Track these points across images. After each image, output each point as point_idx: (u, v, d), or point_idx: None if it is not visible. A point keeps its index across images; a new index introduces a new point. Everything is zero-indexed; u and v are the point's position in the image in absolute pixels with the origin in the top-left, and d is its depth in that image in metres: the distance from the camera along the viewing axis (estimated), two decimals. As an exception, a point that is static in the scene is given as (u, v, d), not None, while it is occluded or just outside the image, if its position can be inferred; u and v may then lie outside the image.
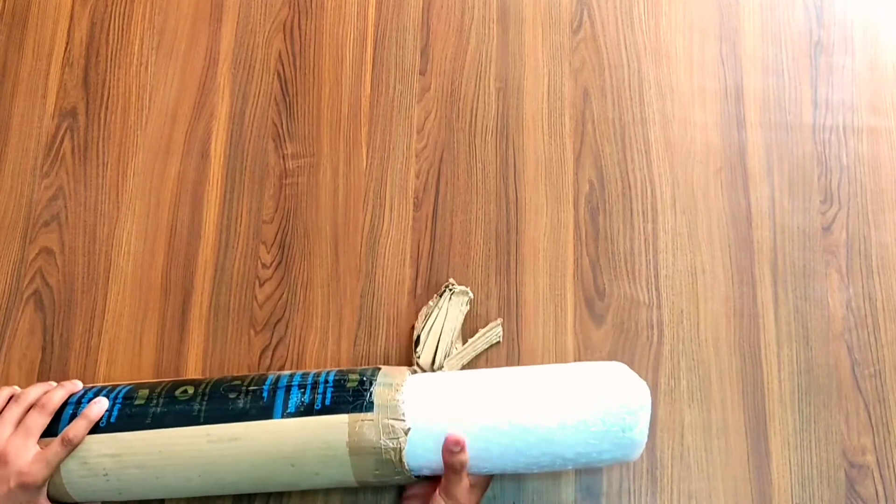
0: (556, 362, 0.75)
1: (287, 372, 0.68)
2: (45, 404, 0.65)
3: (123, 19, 0.84)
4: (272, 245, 0.78)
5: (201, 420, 0.63)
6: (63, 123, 0.81)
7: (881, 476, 0.72)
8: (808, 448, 0.73)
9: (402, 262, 0.77)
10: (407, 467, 0.63)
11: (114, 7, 0.84)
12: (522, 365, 0.74)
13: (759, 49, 0.83)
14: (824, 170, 0.80)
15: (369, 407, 0.63)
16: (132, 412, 0.65)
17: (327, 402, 0.63)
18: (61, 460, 0.63)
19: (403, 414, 0.63)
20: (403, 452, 0.62)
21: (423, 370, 0.71)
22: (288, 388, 0.65)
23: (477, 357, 0.74)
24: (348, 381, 0.65)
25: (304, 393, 0.64)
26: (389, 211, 0.79)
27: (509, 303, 0.76)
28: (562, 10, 0.84)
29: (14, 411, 0.65)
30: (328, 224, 0.79)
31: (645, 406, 0.63)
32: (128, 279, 0.77)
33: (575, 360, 0.75)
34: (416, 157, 0.80)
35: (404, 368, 0.68)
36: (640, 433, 0.63)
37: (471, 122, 0.81)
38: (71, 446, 0.63)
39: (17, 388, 0.68)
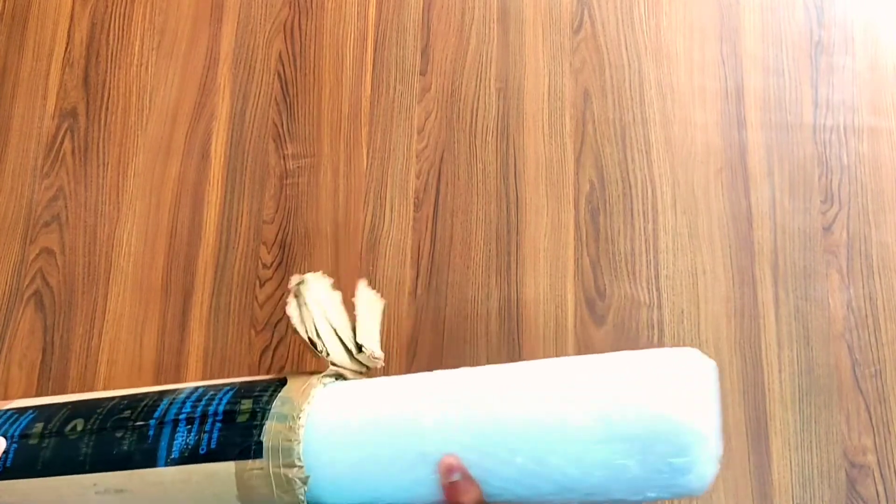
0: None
1: (189, 387, 0.60)
2: None
3: (124, 19, 0.84)
4: (273, 245, 0.78)
5: (87, 467, 0.57)
6: (63, 124, 0.81)
7: (882, 476, 0.72)
8: (808, 448, 0.73)
9: (403, 263, 0.77)
10: None
11: (114, 7, 0.84)
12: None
13: (759, 49, 0.83)
14: (825, 170, 0.80)
15: (258, 452, 0.52)
16: (26, 454, 0.59)
17: (213, 444, 0.54)
18: None
19: (300, 457, 0.51)
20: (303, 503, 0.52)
21: (342, 366, 0.59)
22: (175, 424, 0.56)
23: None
24: (239, 412, 0.54)
25: (190, 431, 0.55)
26: (390, 211, 0.79)
27: (509, 303, 0.76)
28: (562, 10, 0.84)
29: None
30: (328, 224, 0.79)
31: (700, 440, 0.46)
32: (128, 280, 0.77)
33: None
34: (417, 157, 0.80)
35: (313, 381, 0.56)
36: (698, 478, 0.46)
37: (471, 122, 0.81)
38: None
39: None
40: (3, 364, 0.75)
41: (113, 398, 0.61)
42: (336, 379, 0.58)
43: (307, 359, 0.75)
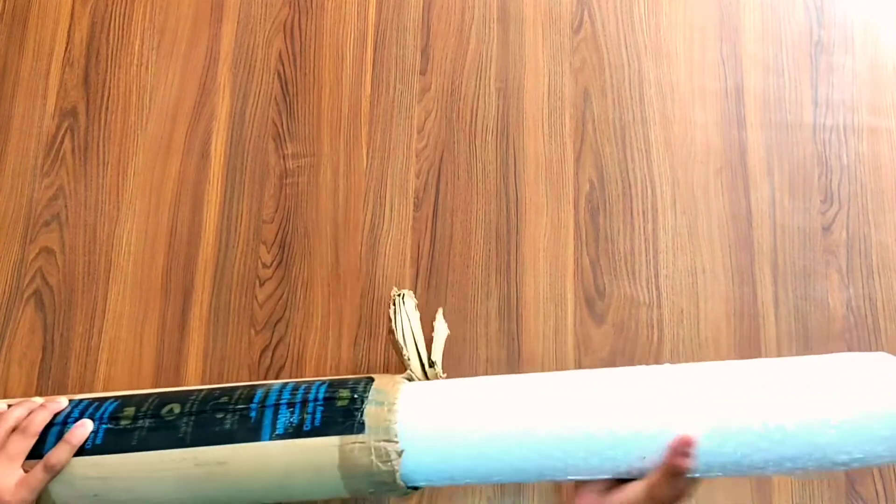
0: (555, 362, 0.75)
1: (278, 383, 0.65)
2: (27, 427, 0.63)
3: (124, 19, 0.84)
4: (272, 245, 0.78)
5: (188, 442, 0.61)
6: (63, 123, 0.81)
7: (881, 475, 0.72)
8: (808, 448, 0.73)
9: (403, 262, 0.77)
10: (402, 485, 0.61)
11: (114, 7, 0.84)
12: (522, 365, 0.74)
13: (759, 49, 0.83)
14: (824, 170, 0.80)
15: (360, 428, 0.60)
16: (118, 433, 0.63)
17: (317, 422, 0.61)
18: (44, 485, 0.62)
19: (396, 434, 0.60)
20: (398, 474, 0.60)
21: (414, 373, 0.67)
22: (276, 407, 0.62)
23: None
24: (338, 398, 0.62)
25: (292, 413, 0.62)
26: (390, 211, 0.79)
27: (509, 303, 0.76)
28: (562, 10, 0.84)
29: None
30: (328, 224, 0.79)
31: None
32: (128, 279, 0.77)
33: (575, 361, 0.75)
34: (417, 156, 0.80)
35: (398, 379, 0.65)
36: None
37: (471, 122, 0.81)
38: (53, 472, 0.61)
39: (2, 405, 0.67)
40: (3, 363, 0.75)
41: (202, 390, 0.66)
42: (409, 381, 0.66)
43: (307, 358, 0.75)
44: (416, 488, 0.64)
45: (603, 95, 0.81)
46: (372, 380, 0.64)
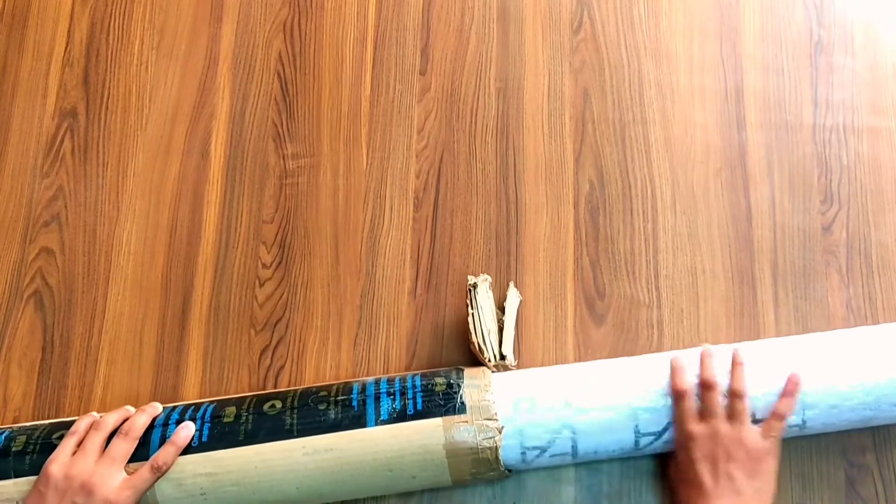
0: (555, 362, 0.75)
1: (370, 379, 0.69)
2: (129, 430, 0.65)
3: (123, 19, 0.84)
4: (272, 245, 0.78)
5: (295, 433, 0.64)
6: (63, 123, 0.81)
7: (881, 475, 0.72)
8: (808, 448, 0.73)
9: (403, 262, 0.77)
10: (503, 464, 0.65)
11: (114, 7, 0.84)
12: (521, 365, 0.74)
13: (759, 49, 0.83)
14: (824, 170, 0.80)
15: (461, 409, 0.64)
16: (223, 430, 0.65)
17: (419, 406, 0.65)
18: (150, 487, 0.63)
19: (496, 413, 0.64)
20: (499, 451, 0.64)
21: (492, 367, 0.71)
22: (377, 397, 0.66)
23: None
24: (435, 385, 0.66)
25: (393, 400, 0.65)
26: (389, 211, 0.79)
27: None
28: (562, 10, 0.84)
29: (96, 439, 0.64)
30: (328, 224, 0.79)
31: None
32: (128, 279, 0.77)
33: (575, 361, 0.75)
34: (417, 157, 0.80)
35: (484, 369, 0.69)
36: None
37: (471, 122, 0.81)
38: (160, 473, 0.63)
39: (96, 414, 0.68)
40: (3, 363, 0.75)
41: (295, 390, 0.69)
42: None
43: (307, 358, 0.75)
44: (510, 471, 0.67)
45: (603, 96, 0.81)
46: (461, 370, 0.69)
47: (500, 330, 0.72)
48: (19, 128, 0.81)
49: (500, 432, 0.64)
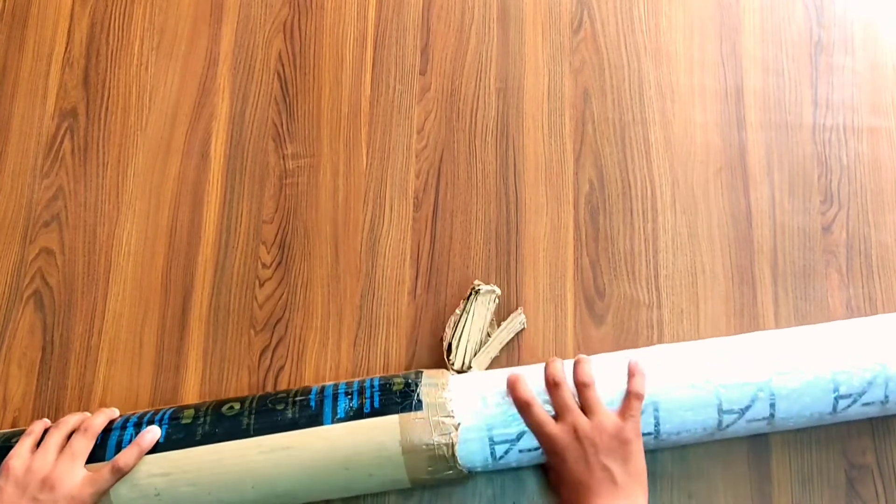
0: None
1: (329, 384, 0.69)
2: (88, 428, 0.65)
3: (123, 19, 0.84)
4: (272, 245, 0.78)
5: (251, 433, 0.64)
6: (63, 123, 0.81)
7: (881, 475, 0.72)
8: (807, 448, 0.73)
9: (402, 262, 0.77)
10: (459, 461, 0.64)
11: (114, 7, 0.84)
12: (522, 365, 0.74)
13: (759, 49, 0.83)
14: (824, 170, 0.80)
15: (418, 406, 0.64)
16: (180, 430, 0.65)
17: (376, 405, 0.65)
18: (110, 486, 0.63)
19: (452, 411, 0.64)
20: (456, 447, 0.64)
21: (453, 371, 0.71)
22: (335, 396, 0.66)
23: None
24: (394, 384, 0.66)
25: (351, 399, 0.65)
26: (389, 211, 0.79)
27: (509, 303, 0.76)
28: (562, 10, 0.84)
29: (55, 436, 0.65)
30: (328, 224, 0.79)
31: None
32: (128, 279, 0.77)
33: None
34: (416, 157, 0.80)
35: (443, 371, 0.69)
36: None
37: (471, 122, 0.81)
38: (121, 474, 0.63)
39: (46, 420, 0.68)
40: (3, 363, 0.75)
41: (254, 395, 0.69)
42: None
43: (307, 359, 0.75)
44: (471, 471, 0.67)
45: (603, 96, 0.81)
46: (421, 372, 0.68)
47: (482, 343, 0.72)
48: (19, 128, 0.81)
49: (456, 429, 0.64)
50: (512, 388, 0.65)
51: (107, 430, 0.66)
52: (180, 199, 0.79)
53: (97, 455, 0.64)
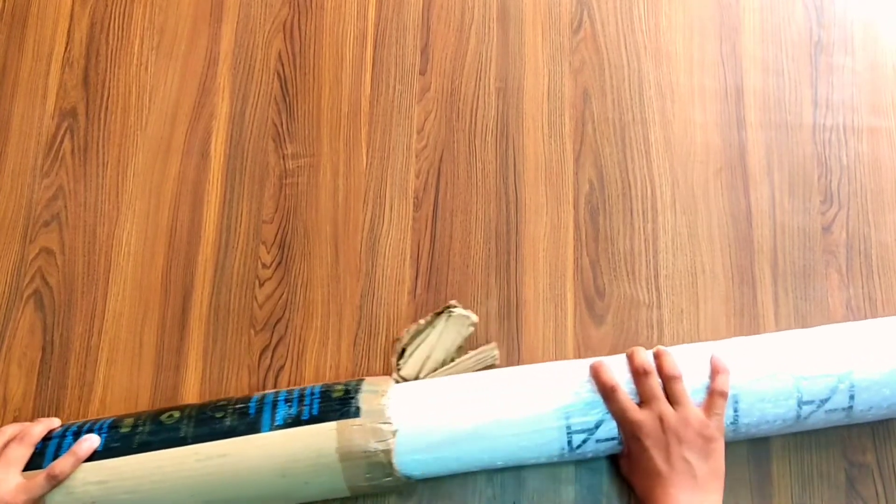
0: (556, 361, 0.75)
1: (270, 391, 0.68)
2: (25, 436, 0.65)
3: (123, 19, 0.84)
4: (272, 245, 0.78)
5: (189, 441, 0.64)
6: (63, 123, 0.81)
7: (881, 475, 0.72)
8: (808, 448, 0.73)
9: (402, 262, 0.77)
10: (397, 469, 0.64)
11: (114, 7, 0.84)
12: (522, 364, 0.74)
13: (759, 49, 0.83)
14: (824, 170, 0.80)
15: (356, 413, 0.64)
16: (118, 439, 0.65)
17: (315, 412, 0.64)
18: (44, 494, 0.63)
19: (390, 417, 0.64)
20: (392, 454, 0.63)
21: (397, 378, 0.70)
22: (274, 404, 0.65)
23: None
24: (334, 391, 0.66)
25: (290, 406, 0.65)
26: (389, 211, 0.79)
27: (509, 303, 0.76)
28: (562, 10, 0.84)
29: None
30: (328, 224, 0.79)
31: None
32: (128, 279, 0.77)
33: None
34: (416, 157, 0.80)
35: (387, 377, 0.69)
36: None
37: (471, 122, 0.81)
38: (56, 482, 0.62)
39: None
40: (3, 363, 0.75)
41: (197, 404, 0.68)
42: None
43: (307, 358, 0.75)
44: (410, 479, 0.66)
45: (603, 96, 0.81)
46: (363, 379, 0.68)
47: (443, 364, 0.71)
48: (19, 128, 0.81)
49: (393, 435, 0.63)
50: (596, 374, 0.66)
51: (46, 439, 0.66)
52: (180, 199, 0.79)
53: (35, 462, 0.64)
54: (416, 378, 0.70)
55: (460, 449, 0.65)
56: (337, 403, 0.65)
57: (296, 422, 0.64)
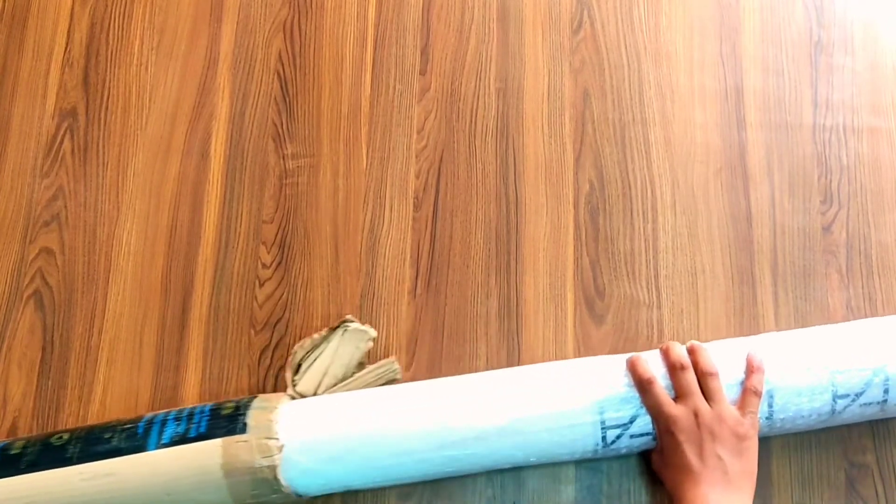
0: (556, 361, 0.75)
1: (161, 411, 0.68)
2: None
3: (123, 19, 0.84)
4: (272, 245, 0.78)
5: (74, 461, 0.63)
6: (63, 123, 0.81)
7: (881, 475, 0.72)
8: (808, 448, 0.73)
9: (402, 262, 0.77)
10: (285, 484, 0.63)
11: (114, 7, 0.84)
12: (523, 364, 0.74)
13: (759, 49, 0.83)
14: (824, 170, 0.80)
15: (243, 429, 0.63)
16: (5, 461, 0.65)
17: (202, 429, 0.64)
18: None
19: (277, 433, 0.63)
20: (279, 469, 0.63)
21: (292, 394, 0.70)
22: (163, 423, 0.65)
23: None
24: (224, 409, 0.66)
25: (178, 424, 0.65)
26: (389, 211, 0.79)
27: (509, 303, 0.76)
28: (562, 10, 0.84)
29: None
30: (328, 224, 0.79)
31: None
32: (128, 279, 0.77)
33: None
34: (416, 157, 0.80)
35: (281, 394, 0.69)
36: None
37: (471, 122, 0.81)
38: None
39: None
40: (3, 363, 0.75)
41: (87, 425, 0.68)
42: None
43: (307, 358, 0.75)
44: (301, 496, 0.65)
45: (603, 96, 0.81)
46: (256, 396, 0.68)
47: (342, 380, 0.70)
48: (19, 128, 0.81)
49: (280, 451, 0.63)
50: (633, 367, 0.66)
51: None
52: (180, 199, 0.79)
53: None
54: (315, 394, 0.70)
55: (350, 463, 0.64)
56: (225, 421, 0.64)
57: (182, 440, 0.63)
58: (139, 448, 0.63)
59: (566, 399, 0.65)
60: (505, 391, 0.66)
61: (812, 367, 0.66)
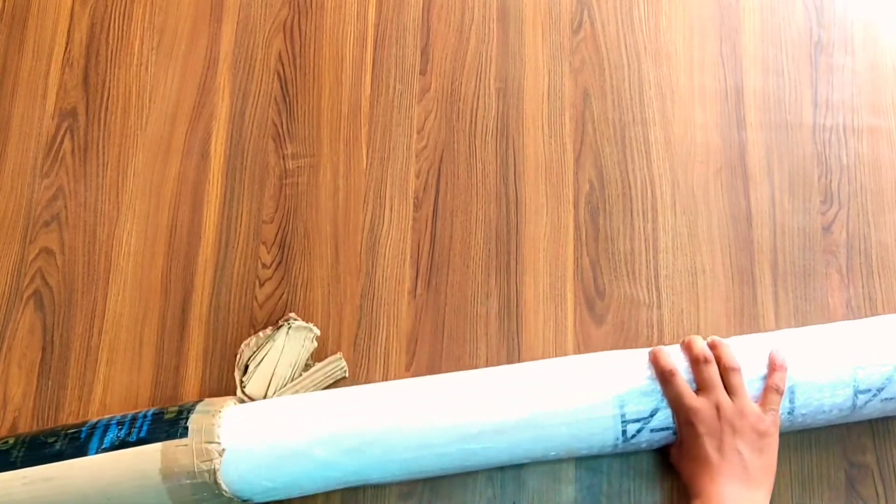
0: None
1: (105, 417, 0.68)
2: None
3: (123, 19, 0.84)
4: (272, 245, 0.78)
5: (17, 465, 0.64)
6: (63, 123, 0.81)
7: (881, 475, 0.72)
8: (808, 448, 0.73)
9: (402, 262, 0.77)
10: (226, 489, 0.63)
11: (114, 7, 0.84)
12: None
13: (759, 49, 0.83)
14: (824, 170, 0.80)
15: (184, 433, 0.63)
16: None
17: (143, 433, 0.64)
18: None
19: (219, 436, 0.63)
20: (219, 474, 0.62)
21: (252, 400, 0.70)
22: (106, 427, 0.65)
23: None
24: (167, 413, 0.66)
25: (121, 429, 0.65)
26: (389, 211, 0.79)
27: (509, 303, 0.76)
28: (562, 10, 0.84)
29: None
30: (328, 224, 0.79)
31: None
32: (128, 279, 0.77)
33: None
34: (416, 157, 0.80)
35: (228, 398, 0.68)
36: None
37: (471, 122, 0.81)
38: None
39: None
40: (3, 363, 0.75)
41: (32, 431, 0.68)
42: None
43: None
44: (246, 501, 0.65)
45: (603, 96, 0.81)
46: (201, 400, 0.68)
47: (290, 379, 0.70)
48: (19, 128, 0.81)
49: (220, 455, 0.62)
50: (655, 359, 0.66)
51: None
52: (180, 199, 0.79)
53: None
54: (265, 397, 0.70)
55: (296, 466, 0.64)
56: (167, 425, 0.64)
57: (123, 444, 0.63)
58: (80, 452, 0.64)
59: (586, 393, 0.65)
60: (522, 385, 0.66)
61: (834, 362, 0.66)
